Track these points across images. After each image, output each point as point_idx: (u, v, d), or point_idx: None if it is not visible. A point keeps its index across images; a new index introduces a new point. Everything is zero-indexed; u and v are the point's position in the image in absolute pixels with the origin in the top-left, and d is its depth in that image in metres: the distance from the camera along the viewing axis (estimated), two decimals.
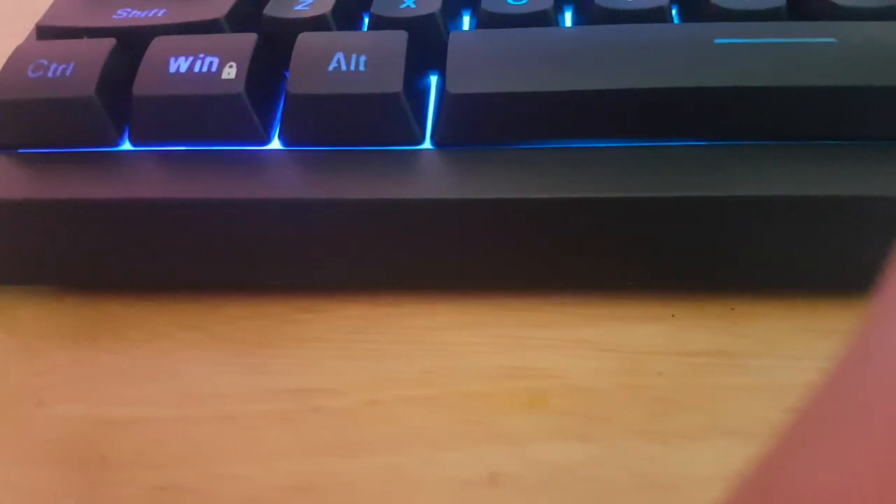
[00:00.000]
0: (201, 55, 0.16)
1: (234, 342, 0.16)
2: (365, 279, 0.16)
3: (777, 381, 0.14)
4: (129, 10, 0.18)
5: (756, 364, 0.15)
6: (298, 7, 0.18)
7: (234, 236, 0.16)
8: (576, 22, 0.18)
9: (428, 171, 0.16)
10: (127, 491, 0.14)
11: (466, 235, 0.16)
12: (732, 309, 0.16)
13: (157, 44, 0.16)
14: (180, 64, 0.16)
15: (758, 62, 0.15)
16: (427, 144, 0.16)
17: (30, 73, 0.16)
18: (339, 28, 0.17)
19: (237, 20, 0.18)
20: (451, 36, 0.16)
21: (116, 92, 0.16)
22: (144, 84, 0.16)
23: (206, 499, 0.14)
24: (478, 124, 0.16)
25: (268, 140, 0.16)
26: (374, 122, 0.16)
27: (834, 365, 0.07)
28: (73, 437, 0.15)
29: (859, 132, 0.15)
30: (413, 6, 0.17)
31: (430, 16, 0.17)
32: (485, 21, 0.17)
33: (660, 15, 0.17)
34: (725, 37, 0.15)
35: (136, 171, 0.16)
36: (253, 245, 0.16)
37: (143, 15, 0.18)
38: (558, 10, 0.18)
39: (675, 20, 0.18)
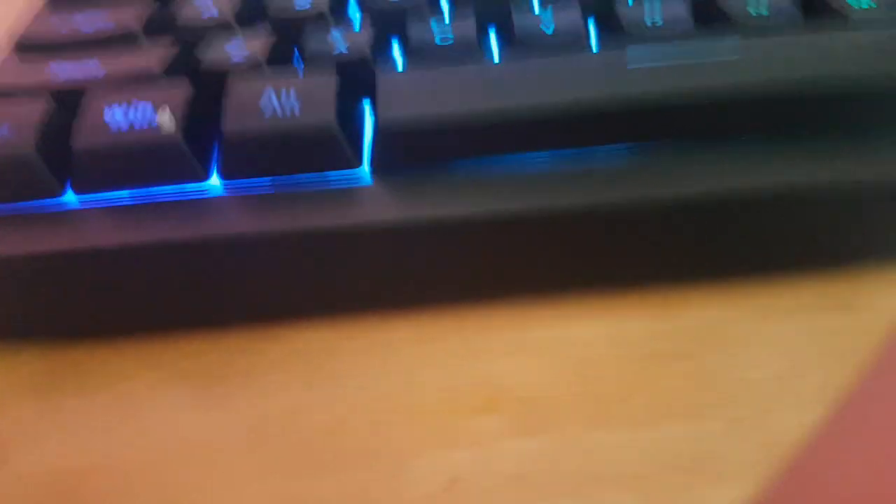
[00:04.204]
0: (136, 104, 0.17)
1: (197, 377, 0.16)
2: (320, 306, 0.17)
3: (713, 364, 0.15)
4: (62, 63, 0.18)
5: (693, 350, 0.16)
6: (230, 48, 0.18)
7: (184, 276, 0.16)
8: (499, 48, 0.19)
9: (367, 197, 0.16)
10: None
11: (411, 256, 0.16)
12: (666, 298, 0.16)
13: (93, 96, 0.17)
14: (115, 113, 0.16)
15: (666, 82, 0.16)
16: (365, 170, 0.17)
17: None
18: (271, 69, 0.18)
19: (170, 68, 0.18)
20: (379, 75, 0.17)
21: (56, 146, 0.16)
22: (82, 138, 0.16)
23: None
24: (410, 148, 0.16)
25: (207, 177, 0.17)
26: (309, 154, 0.16)
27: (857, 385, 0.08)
28: (43, 487, 0.15)
29: (768, 130, 0.16)
30: (344, 51, 0.18)
31: (361, 59, 0.18)
32: (413, 54, 0.18)
33: (578, 39, 0.18)
34: (637, 62, 0.16)
35: (82, 221, 0.16)
36: (204, 283, 0.17)
37: (76, 69, 0.18)
38: (482, 38, 0.18)
39: (594, 39, 0.18)
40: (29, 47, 0.19)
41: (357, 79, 0.18)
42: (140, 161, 0.16)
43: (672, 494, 0.14)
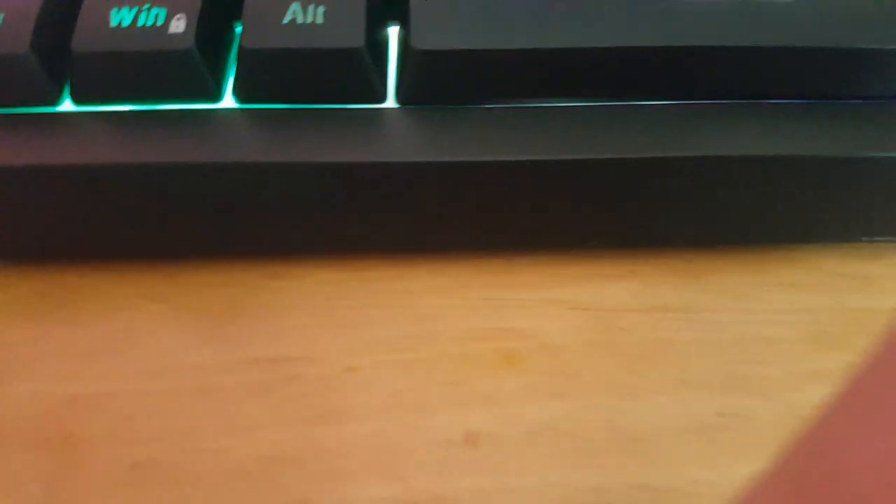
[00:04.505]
0: (146, 6, 0.15)
1: (201, 312, 0.15)
2: (333, 245, 0.16)
3: (735, 333, 0.15)
4: None
5: (716, 318, 0.15)
6: None
7: (188, 203, 0.15)
8: None
9: (392, 131, 0.15)
10: (100, 470, 0.14)
11: (435, 199, 0.15)
12: (691, 263, 0.16)
13: None
14: (123, 16, 0.15)
15: (719, 22, 0.15)
16: (391, 102, 0.16)
17: None
18: None
19: None
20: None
21: (54, 47, 0.15)
22: (84, 39, 0.15)
23: (186, 474, 0.14)
24: (444, 82, 0.15)
25: (220, 97, 0.16)
26: (333, 78, 0.15)
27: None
28: (35, 417, 0.14)
29: (815, 92, 0.16)
30: None
31: None
32: None
33: None
34: None
35: (81, 133, 0.15)
36: (210, 212, 0.15)
37: None
38: None
39: None
40: None
41: None
42: (147, 71, 0.15)
43: (691, 468, 0.14)
